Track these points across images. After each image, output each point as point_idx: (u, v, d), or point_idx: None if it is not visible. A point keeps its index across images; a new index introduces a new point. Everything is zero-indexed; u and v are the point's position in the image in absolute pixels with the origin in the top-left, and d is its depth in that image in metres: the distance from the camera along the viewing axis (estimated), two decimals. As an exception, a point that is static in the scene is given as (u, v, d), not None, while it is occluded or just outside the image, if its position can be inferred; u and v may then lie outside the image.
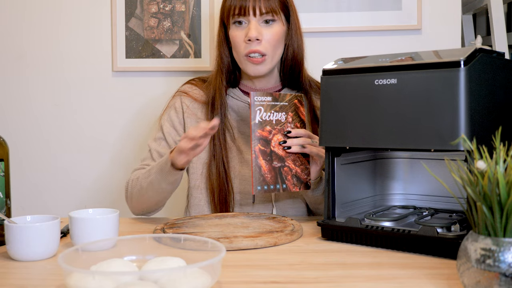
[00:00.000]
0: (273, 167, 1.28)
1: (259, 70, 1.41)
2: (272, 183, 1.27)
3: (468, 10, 2.66)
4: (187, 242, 0.94)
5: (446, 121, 0.96)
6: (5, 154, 1.12)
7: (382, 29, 1.87)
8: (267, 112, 1.29)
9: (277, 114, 1.31)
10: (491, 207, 0.74)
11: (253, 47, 1.38)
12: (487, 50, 1.03)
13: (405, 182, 1.32)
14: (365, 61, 1.11)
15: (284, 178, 1.29)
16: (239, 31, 1.40)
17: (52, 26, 1.97)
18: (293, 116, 1.32)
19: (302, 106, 1.33)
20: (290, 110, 1.32)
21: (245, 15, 1.38)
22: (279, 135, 1.29)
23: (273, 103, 1.30)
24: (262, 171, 1.27)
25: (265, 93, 1.30)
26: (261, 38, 1.38)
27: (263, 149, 1.28)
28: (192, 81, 1.55)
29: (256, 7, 1.37)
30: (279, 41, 1.42)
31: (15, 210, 1.22)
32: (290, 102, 1.32)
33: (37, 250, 1.00)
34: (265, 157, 1.28)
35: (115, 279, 0.77)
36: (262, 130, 1.28)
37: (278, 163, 1.28)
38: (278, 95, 1.31)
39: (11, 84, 1.99)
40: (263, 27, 1.39)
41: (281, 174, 1.28)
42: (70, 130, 1.99)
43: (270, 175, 1.27)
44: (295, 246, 1.09)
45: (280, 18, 1.41)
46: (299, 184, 1.30)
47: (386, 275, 0.90)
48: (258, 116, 1.29)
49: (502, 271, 0.71)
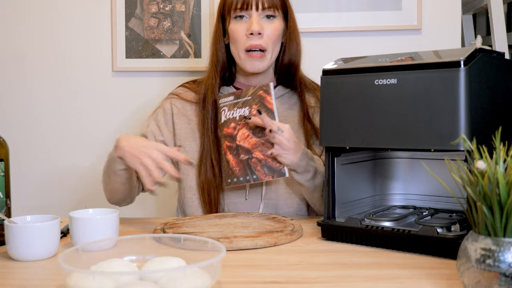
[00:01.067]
0: (241, 160, 1.33)
1: (258, 66, 1.40)
2: (241, 175, 1.33)
3: (468, 10, 2.66)
4: (187, 242, 0.94)
5: (446, 121, 0.96)
6: (5, 154, 1.12)
7: (382, 29, 1.87)
8: (231, 110, 1.37)
9: (240, 109, 1.36)
10: (491, 207, 0.74)
11: (254, 42, 1.38)
12: (487, 50, 1.02)
13: (405, 182, 1.32)
14: (365, 61, 1.11)
15: (254, 169, 1.32)
16: (240, 25, 1.40)
17: (52, 26, 1.97)
18: (258, 108, 1.34)
19: (268, 95, 1.34)
20: (254, 102, 1.35)
21: (248, 9, 1.39)
22: (243, 129, 1.35)
23: (235, 101, 1.37)
24: (230, 165, 1.34)
25: (229, 94, 1.39)
26: (263, 33, 1.38)
27: (229, 144, 1.36)
28: (186, 84, 1.55)
29: (260, 1, 1.38)
30: (279, 37, 1.43)
31: (15, 210, 1.22)
32: (254, 95, 1.36)
33: (37, 250, 1.00)
34: (232, 151, 1.35)
35: (115, 279, 0.77)
36: (227, 128, 1.37)
37: (245, 156, 1.33)
38: (241, 92, 1.37)
39: (11, 84, 1.99)
40: (264, 22, 1.40)
41: (250, 166, 1.33)
42: (70, 130, 1.99)
43: (238, 167, 1.33)
44: (295, 246, 1.09)
45: (280, 15, 1.42)
46: (272, 173, 1.32)
47: (386, 275, 0.90)
48: (223, 116, 1.39)
49: (502, 271, 0.71)
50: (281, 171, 1.31)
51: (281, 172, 1.31)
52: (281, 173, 1.31)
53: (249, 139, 1.34)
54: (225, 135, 1.37)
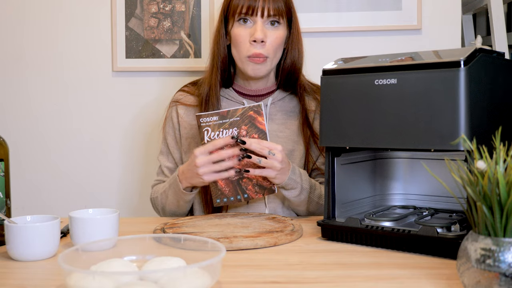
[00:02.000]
0: (231, 181, 1.31)
1: (260, 70, 1.40)
2: (232, 195, 1.31)
3: (468, 10, 2.66)
4: (187, 242, 0.94)
5: (446, 121, 0.96)
6: (5, 154, 1.12)
7: (382, 29, 1.87)
8: (215, 131, 1.29)
9: (227, 131, 1.28)
10: (491, 207, 0.74)
11: (257, 50, 1.38)
12: (487, 50, 1.03)
13: (405, 182, 1.32)
14: (365, 61, 1.11)
15: (245, 189, 1.31)
16: (244, 30, 1.39)
17: (52, 26, 1.97)
18: (248, 129, 1.28)
19: (259, 116, 1.28)
20: (244, 123, 1.28)
21: (253, 15, 1.38)
22: (231, 149, 1.27)
23: (220, 121, 1.29)
24: (218, 186, 1.31)
25: (211, 113, 1.29)
26: (266, 41, 1.38)
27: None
28: (184, 87, 1.55)
29: (265, 8, 1.37)
30: (281, 44, 1.42)
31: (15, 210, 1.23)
32: (243, 116, 1.28)
33: (37, 250, 1.00)
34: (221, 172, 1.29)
35: (115, 279, 0.77)
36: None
37: (235, 176, 1.30)
38: (226, 113, 1.29)
39: (11, 84, 1.99)
40: (268, 29, 1.39)
41: (240, 185, 1.31)
42: (70, 130, 1.99)
43: (228, 188, 1.31)
44: (295, 246, 1.09)
45: (284, 22, 1.42)
46: (262, 191, 1.31)
47: (386, 275, 0.90)
48: (206, 136, 1.30)
49: (502, 271, 0.71)
50: (271, 188, 1.32)
51: (271, 190, 1.32)
52: (271, 190, 1.32)
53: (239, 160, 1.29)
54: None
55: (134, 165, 1.99)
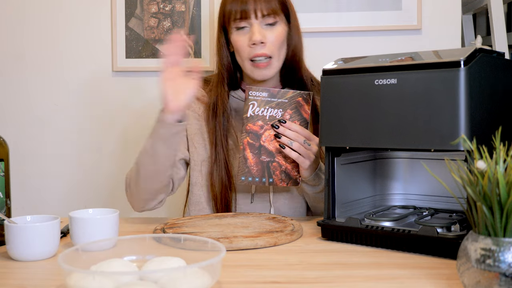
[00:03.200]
0: (261, 161, 1.30)
1: (265, 74, 1.39)
2: (258, 176, 1.30)
3: (468, 10, 2.66)
4: (187, 242, 0.94)
5: (446, 121, 0.96)
6: (5, 154, 1.12)
7: (382, 29, 1.87)
8: (261, 107, 1.30)
9: (272, 110, 1.31)
10: (491, 207, 0.74)
11: (258, 51, 1.37)
12: (487, 50, 1.02)
13: (405, 182, 1.32)
14: (365, 61, 1.11)
15: (272, 173, 1.31)
16: (242, 36, 1.38)
17: (52, 26, 1.97)
18: (292, 114, 1.31)
19: (307, 104, 1.32)
20: (290, 107, 1.31)
21: (247, 18, 1.36)
22: (271, 130, 1.30)
23: (268, 99, 1.30)
24: (248, 163, 1.30)
25: (262, 88, 1.31)
26: (265, 41, 1.37)
27: (251, 142, 1.31)
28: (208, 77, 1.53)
29: (258, 9, 1.36)
30: (283, 42, 1.41)
31: (15, 210, 1.22)
32: (291, 100, 1.31)
33: (37, 250, 1.00)
34: (253, 150, 1.31)
35: (115, 279, 0.77)
36: (253, 124, 1.31)
37: (267, 158, 1.30)
38: (276, 92, 1.31)
39: (11, 84, 1.99)
40: (266, 29, 1.38)
41: (269, 168, 1.30)
42: (70, 130, 1.99)
43: (257, 168, 1.30)
44: (295, 246, 1.09)
45: (282, 18, 1.40)
46: (287, 180, 1.31)
47: (386, 275, 0.90)
48: (251, 110, 1.31)
49: (502, 271, 0.71)
50: (296, 180, 1.32)
51: (295, 181, 1.32)
52: (296, 182, 1.32)
53: (275, 142, 1.30)
54: (248, 130, 1.31)
55: (134, 165, 1.99)
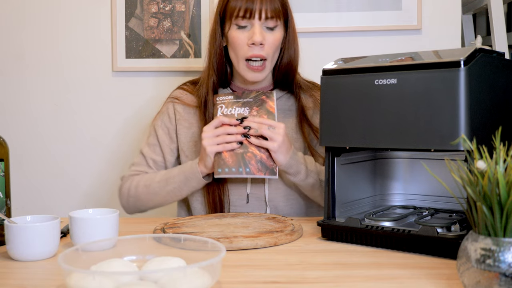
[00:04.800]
0: (235, 153, 1.33)
1: (259, 76, 1.41)
2: (234, 166, 1.33)
3: (468, 10, 2.66)
4: (187, 242, 0.94)
5: (446, 121, 0.96)
6: (5, 154, 1.12)
7: (382, 29, 1.87)
8: (229, 107, 1.38)
9: (240, 109, 1.37)
10: (491, 207, 0.74)
11: (256, 52, 1.38)
12: (487, 50, 1.03)
13: (405, 182, 1.32)
14: (365, 61, 1.11)
15: (248, 163, 1.32)
16: (241, 33, 1.38)
17: (52, 26, 1.97)
18: (259, 110, 1.36)
19: (271, 101, 1.37)
20: (255, 105, 1.37)
21: (250, 18, 1.37)
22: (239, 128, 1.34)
23: (235, 100, 1.39)
24: (222, 156, 1.33)
25: (227, 93, 1.42)
26: (265, 43, 1.38)
27: None
28: (184, 85, 1.54)
29: (262, 10, 1.36)
30: (279, 46, 1.43)
31: (15, 210, 1.22)
32: (256, 98, 1.38)
33: (37, 250, 1.00)
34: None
35: (115, 279, 0.77)
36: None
37: (240, 149, 1.33)
38: (241, 93, 1.40)
39: (11, 84, 1.99)
40: (266, 31, 1.39)
41: (244, 159, 1.32)
42: (70, 130, 1.99)
43: (232, 159, 1.33)
44: (295, 246, 1.09)
45: (281, 23, 1.41)
46: (264, 170, 1.33)
47: (386, 275, 0.90)
48: (220, 111, 1.38)
49: (502, 271, 0.71)
50: (273, 170, 1.32)
51: (272, 171, 1.33)
52: (273, 172, 1.33)
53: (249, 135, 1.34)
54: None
55: (134, 165, 1.99)
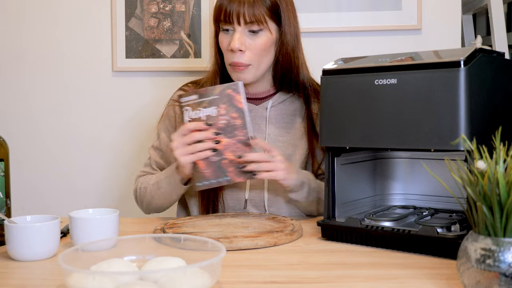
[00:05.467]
0: (211, 162, 1.27)
1: (242, 77, 1.36)
2: (213, 178, 1.27)
3: (468, 10, 2.66)
4: (187, 242, 0.94)
5: (446, 121, 0.96)
6: (5, 154, 1.12)
7: (382, 29, 1.87)
8: (195, 110, 1.28)
9: (205, 110, 1.27)
10: (491, 207, 0.74)
11: (235, 59, 1.34)
12: (487, 50, 1.02)
13: (405, 182, 1.32)
14: (365, 61, 1.11)
15: (225, 171, 1.27)
16: (225, 38, 1.36)
17: (52, 26, 1.97)
18: (227, 107, 1.26)
19: (238, 94, 1.26)
20: (222, 102, 1.26)
21: (230, 23, 1.33)
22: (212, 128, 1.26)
23: (199, 100, 1.27)
24: (199, 168, 1.27)
25: (191, 92, 1.29)
26: (244, 49, 1.33)
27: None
28: (185, 87, 1.52)
29: (240, 15, 1.31)
30: (266, 50, 1.36)
31: (15, 210, 1.22)
32: (222, 94, 1.26)
33: (37, 250, 1.00)
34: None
35: (115, 279, 0.77)
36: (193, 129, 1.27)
37: (215, 157, 1.26)
38: (204, 91, 1.27)
39: (11, 84, 1.99)
40: (248, 36, 1.34)
41: (221, 167, 1.27)
42: (70, 130, 1.99)
43: (209, 170, 1.27)
44: (295, 246, 1.09)
45: (267, 27, 1.34)
46: (243, 175, 1.27)
47: (386, 275, 0.90)
48: (187, 116, 1.29)
49: (502, 271, 0.71)
50: (252, 172, 1.26)
51: (251, 174, 1.26)
52: (251, 174, 1.26)
53: (219, 140, 1.26)
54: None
55: (134, 165, 1.99)
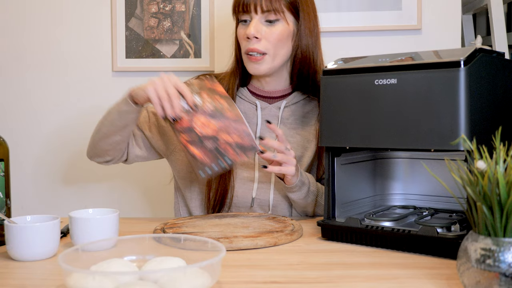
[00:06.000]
0: (208, 149, 1.23)
1: (258, 69, 1.37)
2: (213, 163, 1.23)
3: (468, 10, 2.66)
4: (187, 242, 0.94)
5: (446, 121, 0.96)
6: (5, 154, 1.12)
7: (382, 29, 1.87)
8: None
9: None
10: (491, 207, 0.74)
11: (251, 45, 1.36)
12: (487, 50, 1.03)
13: (405, 182, 1.32)
14: (365, 61, 1.11)
15: (225, 153, 1.23)
16: (242, 28, 1.39)
17: (52, 26, 1.97)
18: (209, 93, 1.25)
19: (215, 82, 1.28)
20: (203, 90, 1.26)
21: (248, 12, 1.36)
22: (200, 116, 1.23)
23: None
24: (197, 158, 1.24)
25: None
26: (260, 36, 1.35)
27: (189, 139, 1.24)
28: (202, 76, 1.51)
29: (258, 4, 1.35)
30: (282, 41, 1.37)
31: (15, 210, 1.22)
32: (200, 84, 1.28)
33: (37, 250, 1.00)
34: (195, 144, 1.23)
35: (115, 279, 0.77)
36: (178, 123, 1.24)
37: (212, 143, 1.23)
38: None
39: (11, 84, 1.99)
40: (265, 25, 1.36)
41: (219, 151, 1.23)
42: (70, 130, 1.99)
43: (208, 157, 1.23)
44: (295, 246, 1.09)
45: (284, 17, 1.36)
46: (243, 151, 1.23)
47: (386, 275, 0.90)
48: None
49: (502, 271, 0.71)
50: (253, 146, 1.23)
51: (252, 148, 1.23)
52: (253, 148, 1.23)
53: (210, 125, 1.24)
54: (179, 130, 1.24)
55: (134, 165, 1.99)
